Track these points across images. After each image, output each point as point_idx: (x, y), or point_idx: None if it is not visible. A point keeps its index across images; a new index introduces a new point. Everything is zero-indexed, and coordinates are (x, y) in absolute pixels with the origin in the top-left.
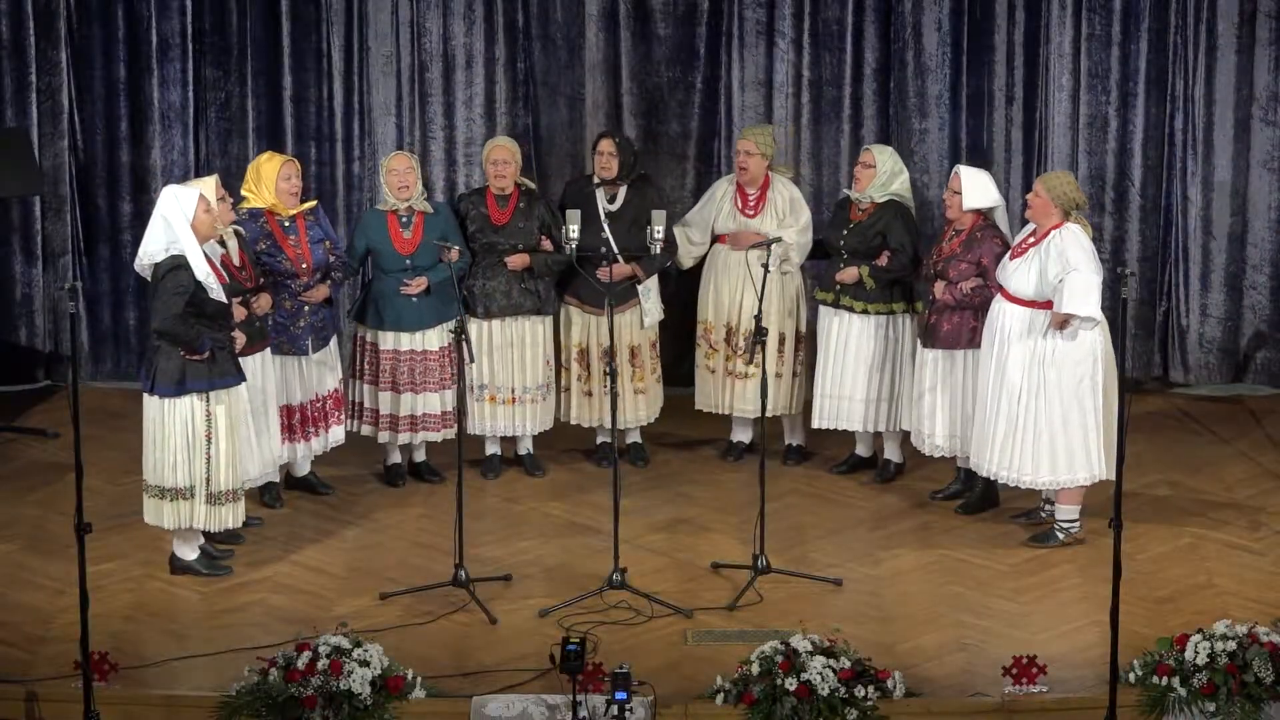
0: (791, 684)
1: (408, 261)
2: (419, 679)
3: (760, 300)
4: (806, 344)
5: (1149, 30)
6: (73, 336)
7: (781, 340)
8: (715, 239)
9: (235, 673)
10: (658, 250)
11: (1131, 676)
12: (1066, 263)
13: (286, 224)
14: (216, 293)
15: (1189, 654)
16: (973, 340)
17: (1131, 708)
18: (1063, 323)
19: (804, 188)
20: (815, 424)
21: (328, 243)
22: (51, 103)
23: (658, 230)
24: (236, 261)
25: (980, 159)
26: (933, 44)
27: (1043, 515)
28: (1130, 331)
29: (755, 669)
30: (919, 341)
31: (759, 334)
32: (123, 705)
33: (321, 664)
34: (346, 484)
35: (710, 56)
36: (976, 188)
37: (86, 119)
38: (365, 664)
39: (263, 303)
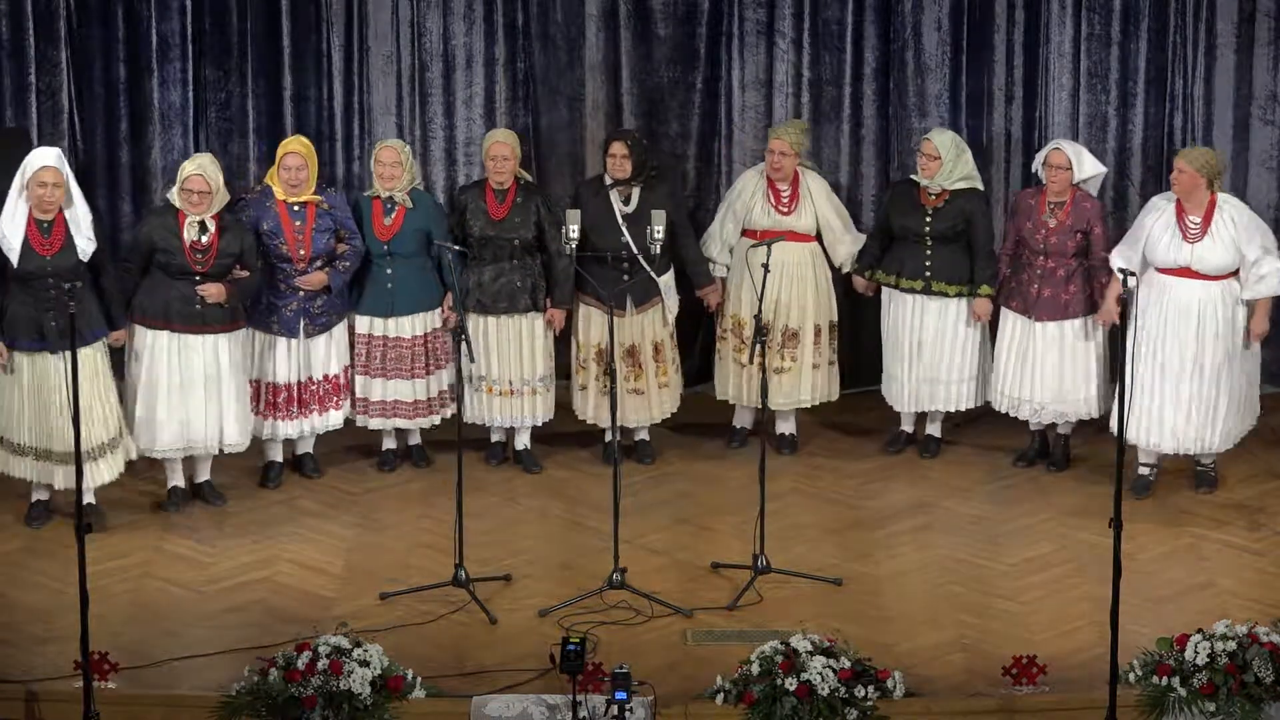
0: (791, 684)
1: (385, 247)
2: (419, 679)
3: (760, 300)
4: (840, 331)
5: (1149, 30)
6: (72, 336)
7: (818, 332)
8: (743, 233)
9: (235, 673)
10: (657, 250)
11: (1131, 676)
12: (1267, 245)
13: (296, 208)
14: (10, 251)
15: (1189, 654)
16: (1089, 307)
17: (1131, 708)
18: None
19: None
20: (906, 408)
21: (341, 231)
22: (51, 103)
23: (657, 230)
24: (196, 242)
25: (980, 158)
26: (933, 44)
27: (1150, 479)
28: (1131, 332)
29: (755, 669)
30: (1029, 317)
31: (759, 334)
32: (123, 705)
33: (321, 664)
34: (347, 482)
35: (710, 56)
36: (1085, 158)
37: (86, 119)
38: (365, 664)
39: (210, 290)
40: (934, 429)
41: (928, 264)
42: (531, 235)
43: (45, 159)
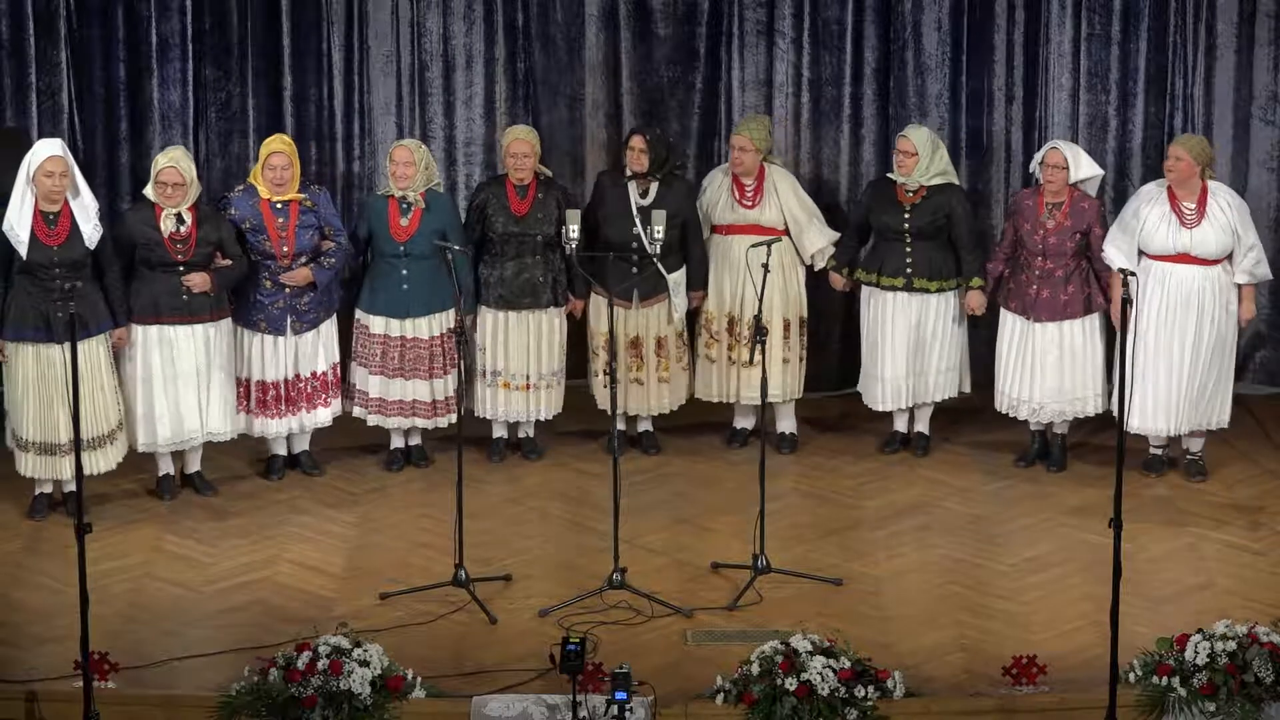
0: (791, 684)
1: (402, 248)
2: (419, 679)
3: (760, 301)
4: (808, 328)
5: (1148, 30)
6: (73, 336)
7: (786, 326)
8: (713, 229)
9: (235, 673)
10: (657, 250)
11: (1131, 676)
12: (1251, 230)
13: (279, 206)
14: (19, 244)
15: (1189, 654)
16: (1088, 306)
17: (1131, 708)
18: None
19: (804, 188)
20: (892, 406)
21: (327, 229)
22: (51, 103)
23: (656, 230)
24: (175, 233)
25: (980, 158)
26: (933, 44)
27: (1164, 458)
28: (1131, 331)
29: (755, 669)
30: (1027, 318)
31: (759, 334)
32: (123, 705)
33: (321, 664)
34: (347, 482)
35: (710, 56)
36: (1082, 159)
37: (86, 119)
38: (365, 664)
39: (195, 280)
40: (922, 425)
41: (908, 261)
42: (553, 230)
43: (50, 149)
